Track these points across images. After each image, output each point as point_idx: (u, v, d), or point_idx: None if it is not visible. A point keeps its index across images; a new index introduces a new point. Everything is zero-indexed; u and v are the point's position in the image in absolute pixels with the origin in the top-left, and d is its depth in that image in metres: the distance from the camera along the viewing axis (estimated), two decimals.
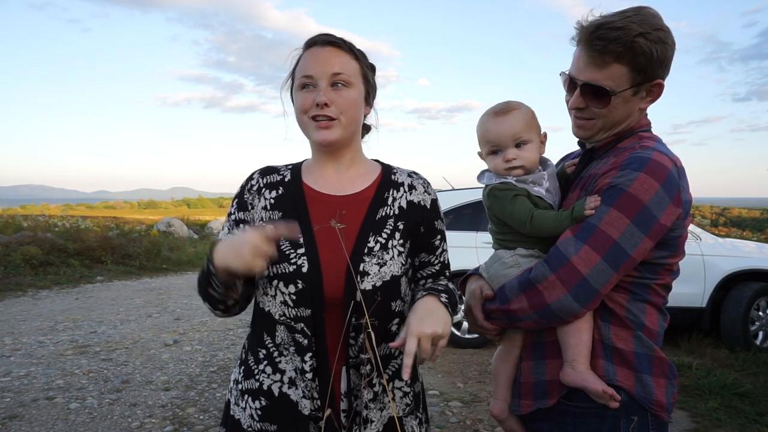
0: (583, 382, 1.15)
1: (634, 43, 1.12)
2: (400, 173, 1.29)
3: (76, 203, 79.54)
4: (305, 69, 1.18)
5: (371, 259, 1.15)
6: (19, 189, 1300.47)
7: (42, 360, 4.74)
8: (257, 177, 1.27)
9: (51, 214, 21.82)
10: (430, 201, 1.27)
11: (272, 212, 1.22)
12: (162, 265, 10.89)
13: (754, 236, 15.73)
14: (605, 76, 1.16)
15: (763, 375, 4.50)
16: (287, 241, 1.16)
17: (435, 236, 1.28)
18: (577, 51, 1.22)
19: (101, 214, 33.75)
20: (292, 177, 1.26)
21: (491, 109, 1.30)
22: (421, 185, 1.28)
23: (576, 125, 1.28)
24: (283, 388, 1.17)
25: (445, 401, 4.03)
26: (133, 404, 3.80)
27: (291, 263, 1.13)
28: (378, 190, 1.24)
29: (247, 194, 1.26)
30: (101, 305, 7.17)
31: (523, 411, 1.29)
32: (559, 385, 1.21)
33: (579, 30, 1.19)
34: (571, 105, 1.23)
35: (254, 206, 1.24)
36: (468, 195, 5.72)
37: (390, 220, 1.21)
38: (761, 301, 5.33)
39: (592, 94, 1.19)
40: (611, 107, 1.19)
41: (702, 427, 3.57)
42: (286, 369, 1.17)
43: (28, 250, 9.23)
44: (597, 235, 1.10)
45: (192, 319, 6.53)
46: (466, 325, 5.46)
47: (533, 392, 1.27)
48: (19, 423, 3.42)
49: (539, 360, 1.27)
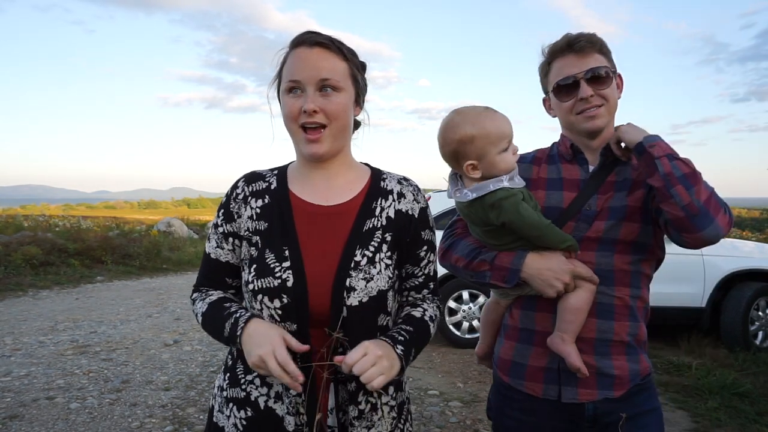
0: (566, 354, 1.30)
1: (602, 41, 1.39)
2: (390, 179, 1.25)
3: (76, 203, 79.55)
4: (292, 73, 1.13)
5: (358, 274, 1.11)
6: (19, 189, 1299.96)
7: (42, 360, 4.75)
8: (242, 185, 1.22)
9: (51, 214, 21.84)
10: (418, 210, 1.23)
11: (258, 222, 1.17)
12: (162, 265, 10.90)
13: (754, 236, 15.72)
14: (597, 61, 1.36)
15: (763, 375, 4.50)
16: (272, 253, 1.13)
17: (421, 247, 1.23)
18: (558, 63, 1.39)
19: (101, 214, 33.76)
20: (278, 185, 1.21)
21: (476, 111, 1.28)
22: (411, 193, 1.23)
23: (588, 116, 1.36)
24: (269, 402, 1.14)
25: (445, 401, 4.03)
26: (133, 404, 3.80)
27: (276, 277, 1.10)
28: (366, 200, 1.20)
29: (233, 203, 1.21)
30: (101, 305, 7.18)
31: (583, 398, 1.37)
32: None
33: (554, 47, 1.40)
34: (582, 95, 1.35)
35: (240, 215, 1.19)
36: None
37: (378, 232, 1.17)
38: (761, 301, 5.33)
39: (596, 78, 1.35)
40: (612, 88, 1.37)
41: (702, 427, 3.57)
42: (273, 383, 1.14)
43: (29, 250, 9.24)
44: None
45: (192, 319, 6.53)
46: (466, 325, 5.47)
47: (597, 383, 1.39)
48: (19, 423, 3.43)
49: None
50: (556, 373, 1.37)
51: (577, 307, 1.30)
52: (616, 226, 1.33)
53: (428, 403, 3.99)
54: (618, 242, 1.34)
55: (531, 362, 1.40)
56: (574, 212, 1.35)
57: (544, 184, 1.42)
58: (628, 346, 1.35)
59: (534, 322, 1.40)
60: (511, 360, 1.45)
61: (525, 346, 1.42)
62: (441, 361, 5.05)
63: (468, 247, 1.41)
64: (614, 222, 1.33)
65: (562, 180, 1.41)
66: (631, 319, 1.35)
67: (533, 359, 1.40)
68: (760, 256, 5.63)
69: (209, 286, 1.26)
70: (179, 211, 45.25)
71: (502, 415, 1.48)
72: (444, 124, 1.30)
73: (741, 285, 5.34)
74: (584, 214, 1.35)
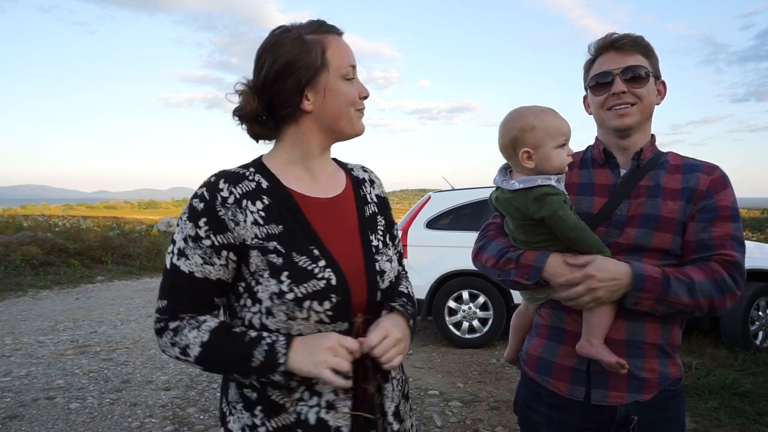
0: (597, 355, 1.30)
1: (647, 45, 1.40)
2: (356, 169, 1.29)
3: (76, 203, 79.50)
4: (349, 58, 1.14)
5: (381, 258, 1.16)
6: (19, 189, 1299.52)
7: (42, 360, 4.75)
8: (226, 187, 1.06)
9: (51, 214, 21.84)
10: (385, 194, 1.32)
11: (268, 227, 1.06)
12: (162, 265, 10.87)
13: (754, 236, 15.73)
14: (637, 61, 1.37)
15: (763, 375, 4.50)
16: (301, 255, 1.05)
17: (393, 226, 1.31)
18: (600, 59, 1.41)
19: (101, 214, 33.76)
20: (269, 182, 1.11)
21: (540, 107, 1.33)
22: (376, 178, 1.31)
23: (619, 114, 1.37)
24: (321, 413, 1.06)
25: (445, 401, 4.03)
26: (133, 404, 3.80)
27: (319, 279, 1.04)
28: (354, 189, 1.23)
29: (222, 210, 1.04)
30: (101, 305, 7.18)
31: (613, 401, 1.37)
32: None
33: (598, 44, 1.42)
34: (615, 90, 1.37)
35: (238, 223, 1.04)
36: (468, 195, 5.72)
37: (378, 216, 1.24)
38: (761, 301, 5.33)
39: (632, 76, 1.36)
40: (648, 88, 1.37)
41: (702, 427, 3.57)
42: (323, 391, 1.06)
43: (29, 250, 9.24)
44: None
45: None
46: (466, 326, 5.47)
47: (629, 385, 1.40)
48: (19, 423, 3.43)
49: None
50: (584, 374, 1.36)
51: (602, 311, 1.30)
52: (648, 235, 1.32)
53: (428, 403, 3.98)
54: (648, 250, 1.33)
55: (559, 360, 1.40)
56: (604, 218, 1.35)
57: (575, 189, 1.42)
58: (660, 349, 1.34)
59: (563, 321, 1.40)
60: (538, 356, 1.45)
61: (554, 344, 1.42)
62: (441, 361, 5.05)
63: (497, 246, 1.43)
64: (646, 230, 1.32)
65: (593, 185, 1.41)
66: (662, 322, 1.34)
67: (561, 358, 1.40)
68: (760, 256, 5.62)
69: (192, 311, 1.08)
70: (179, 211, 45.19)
71: (528, 409, 1.48)
72: (508, 115, 1.37)
73: None
74: (615, 220, 1.35)
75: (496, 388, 4.31)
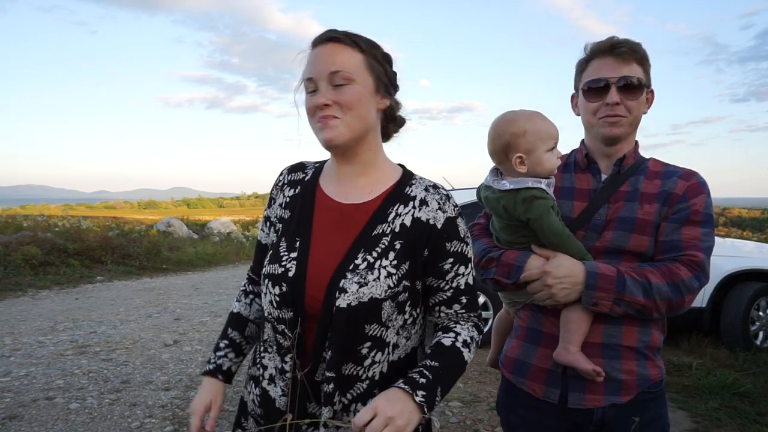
0: (574, 362, 1.31)
1: (644, 54, 1.40)
2: (418, 185, 1.18)
3: (76, 203, 79.54)
4: (306, 72, 1.13)
5: (353, 277, 1.08)
6: (19, 189, 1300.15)
7: (42, 360, 4.74)
8: (285, 173, 1.29)
9: (51, 214, 21.84)
10: (443, 220, 1.14)
11: (284, 211, 1.24)
12: (162, 265, 10.89)
13: (754, 236, 15.74)
14: (633, 71, 1.37)
15: (763, 375, 4.50)
16: (286, 242, 1.18)
17: (445, 259, 1.15)
18: (596, 63, 1.40)
19: (101, 214, 33.76)
20: (311, 177, 1.26)
21: (529, 111, 1.33)
22: (436, 201, 1.15)
23: (610, 123, 1.38)
24: (263, 384, 1.21)
25: (445, 401, 4.02)
26: (133, 404, 3.80)
27: (281, 265, 1.15)
28: (383, 203, 1.16)
29: (275, 190, 1.29)
30: (101, 305, 7.17)
31: (593, 404, 1.37)
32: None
33: (596, 46, 1.41)
34: (609, 100, 1.37)
35: (275, 201, 1.27)
36: (468, 195, 5.72)
37: (385, 238, 1.12)
38: (761, 301, 5.33)
39: (627, 88, 1.37)
40: (639, 101, 1.38)
41: (702, 427, 3.57)
42: (269, 365, 1.20)
43: (28, 250, 9.23)
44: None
45: (192, 319, 6.53)
46: None
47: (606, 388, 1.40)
48: (18, 423, 3.42)
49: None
50: (559, 377, 1.37)
51: (578, 317, 1.31)
52: (624, 237, 1.33)
53: None
54: (625, 252, 1.34)
55: (536, 362, 1.41)
56: (584, 222, 1.37)
57: (557, 193, 1.43)
58: (638, 352, 1.35)
59: (541, 323, 1.42)
60: (515, 358, 1.46)
61: (531, 346, 1.43)
62: None
63: (480, 246, 1.46)
64: (622, 233, 1.33)
65: (574, 189, 1.43)
66: (640, 325, 1.34)
67: (538, 360, 1.40)
68: (760, 256, 5.62)
69: (257, 272, 1.32)
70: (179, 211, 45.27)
71: (507, 410, 1.50)
72: (498, 119, 1.36)
73: (741, 285, 5.34)
74: (594, 224, 1.36)
75: (496, 388, 4.30)
